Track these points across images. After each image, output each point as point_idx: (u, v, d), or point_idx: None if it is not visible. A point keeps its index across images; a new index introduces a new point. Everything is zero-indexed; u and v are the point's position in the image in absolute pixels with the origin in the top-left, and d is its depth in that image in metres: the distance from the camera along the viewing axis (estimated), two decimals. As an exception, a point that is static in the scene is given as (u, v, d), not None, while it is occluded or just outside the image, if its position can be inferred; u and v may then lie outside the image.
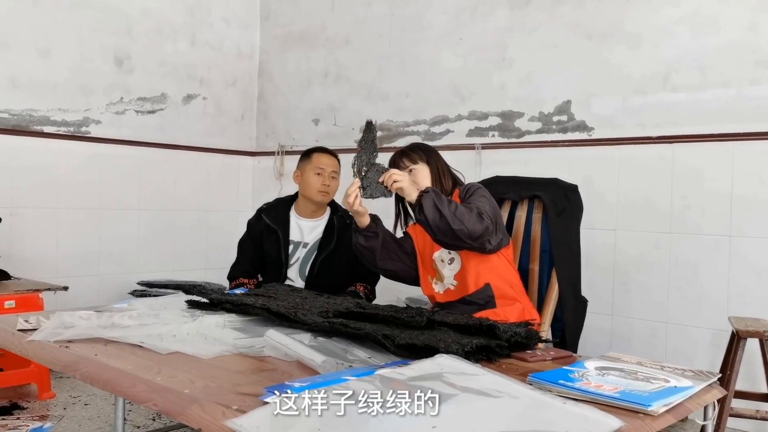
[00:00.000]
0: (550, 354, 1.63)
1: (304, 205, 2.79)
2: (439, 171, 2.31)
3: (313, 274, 2.71)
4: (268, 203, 2.93)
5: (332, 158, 2.80)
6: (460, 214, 2.01)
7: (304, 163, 2.79)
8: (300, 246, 2.76)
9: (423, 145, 2.42)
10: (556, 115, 3.41)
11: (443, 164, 2.35)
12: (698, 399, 1.33)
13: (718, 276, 2.90)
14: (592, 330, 3.01)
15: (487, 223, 2.04)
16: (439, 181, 2.29)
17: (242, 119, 4.88)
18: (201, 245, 4.64)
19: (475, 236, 2.04)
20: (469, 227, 2.02)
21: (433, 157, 2.33)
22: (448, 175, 2.33)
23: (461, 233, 2.02)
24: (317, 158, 2.77)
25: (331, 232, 2.76)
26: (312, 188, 2.73)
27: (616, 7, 3.21)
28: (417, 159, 2.31)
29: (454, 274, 2.22)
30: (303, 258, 2.75)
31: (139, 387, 1.33)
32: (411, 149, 2.37)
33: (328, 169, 2.75)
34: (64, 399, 3.09)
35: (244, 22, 4.86)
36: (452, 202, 2.04)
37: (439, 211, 2.01)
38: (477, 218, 2.03)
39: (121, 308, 2.11)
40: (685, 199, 2.99)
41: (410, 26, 4.04)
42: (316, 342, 1.66)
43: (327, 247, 2.72)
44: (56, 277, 3.71)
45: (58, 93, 3.91)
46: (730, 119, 2.88)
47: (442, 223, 2.01)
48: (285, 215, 2.80)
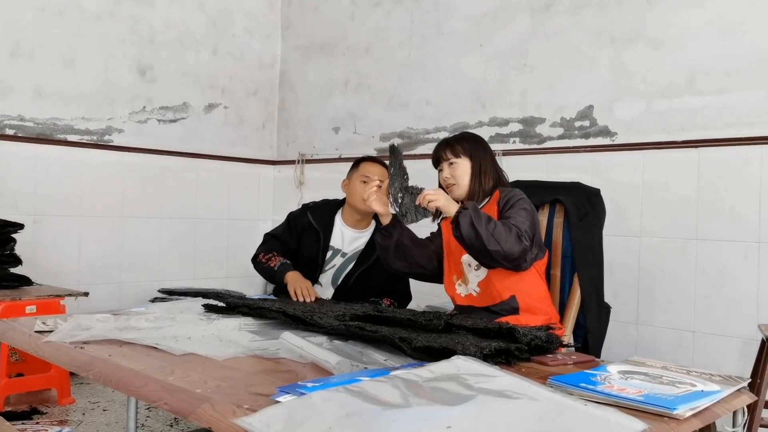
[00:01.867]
0: (571, 358, 1.58)
1: (350, 213, 2.75)
2: (481, 168, 2.24)
3: (347, 285, 2.67)
4: (314, 202, 2.87)
5: (380, 167, 2.74)
6: (497, 234, 1.96)
7: (353, 171, 2.76)
8: (339, 254, 2.72)
9: (471, 137, 2.33)
10: (578, 120, 3.36)
11: (488, 160, 2.27)
12: (726, 404, 1.28)
13: (747, 283, 2.82)
14: (616, 338, 2.95)
15: (525, 245, 1.99)
16: (478, 178, 2.22)
17: (263, 128, 4.90)
18: (222, 254, 4.65)
19: (511, 258, 2.00)
20: (505, 249, 1.97)
21: (478, 152, 2.25)
22: (490, 174, 2.25)
23: (497, 254, 1.99)
24: (364, 167, 2.73)
25: (372, 246, 2.68)
26: (357, 196, 2.65)
27: (639, 10, 3.16)
28: (460, 152, 2.24)
29: (479, 281, 2.18)
30: (339, 267, 2.71)
31: (151, 386, 1.31)
32: (456, 140, 2.29)
33: (374, 177, 2.66)
34: (83, 404, 3.09)
35: (266, 32, 4.90)
36: (491, 221, 1.99)
37: (475, 229, 1.96)
38: (515, 239, 1.98)
39: (138, 311, 2.11)
40: (711, 205, 2.92)
41: (430, 33, 4.03)
42: (331, 345, 1.64)
43: (366, 261, 2.68)
44: (78, 285, 3.74)
45: (81, 102, 3.96)
46: (758, 122, 2.81)
47: (478, 242, 1.98)
48: (330, 218, 2.75)
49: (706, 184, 2.94)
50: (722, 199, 2.89)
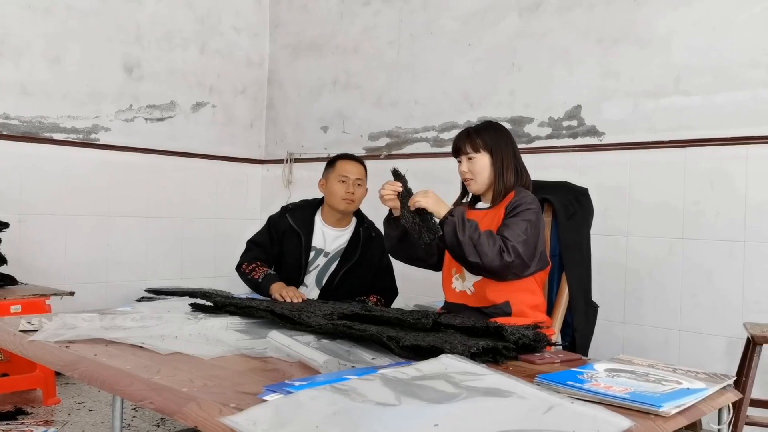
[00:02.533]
0: (558, 357, 1.59)
1: (329, 212, 2.72)
2: (503, 165, 2.15)
3: (332, 284, 2.66)
4: (293, 203, 2.84)
5: (357, 165, 2.72)
6: (479, 246, 1.94)
7: (329, 170, 2.72)
8: (321, 254, 2.70)
9: (494, 127, 2.23)
10: (566, 120, 3.37)
11: (510, 156, 2.18)
12: (712, 401, 1.29)
13: (733, 282, 2.84)
14: (604, 337, 2.96)
15: (507, 261, 1.96)
16: (500, 175, 2.15)
17: (251, 127, 4.88)
18: (209, 253, 4.63)
19: (492, 271, 1.99)
20: (485, 262, 1.95)
21: (500, 147, 2.17)
22: (511, 171, 2.16)
23: (476, 266, 1.99)
24: (341, 165, 2.69)
25: (355, 243, 2.69)
26: (336, 196, 2.65)
27: (627, 11, 3.18)
28: (480, 147, 2.16)
29: (476, 280, 2.15)
30: (322, 267, 2.69)
31: (137, 385, 1.30)
32: (478, 132, 2.19)
33: (352, 176, 2.67)
34: (68, 404, 3.07)
35: (254, 30, 4.88)
36: (476, 231, 1.96)
37: (458, 239, 1.95)
38: (497, 254, 1.95)
39: (124, 311, 2.09)
40: (698, 204, 2.94)
41: (419, 33, 4.03)
42: (319, 344, 1.64)
43: (350, 259, 2.66)
44: (64, 284, 3.70)
45: (68, 100, 3.93)
46: (744, 122, 2.83)
47: (459, 251, 1.97)
48: (310, 219, 2.72)
49: (693, 184, 2.95)
50: (708, 199, 2.91)
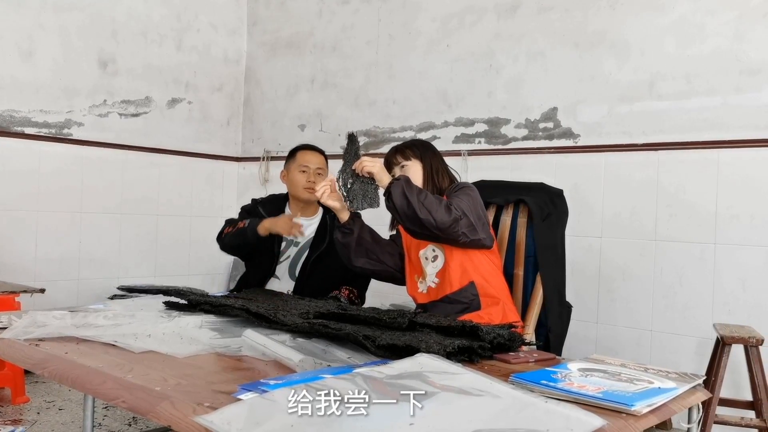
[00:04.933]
0: (533, 356, 1.60)
1: (294, 204, 2.77)
2: (433, 169, 2.28)
3: (305, 273, 2.67)
4: (261, 197, 2.89)
5: (317, 155, 2.77)
6: (428, 204, 2.00)
7: (290, 162, 2.77)
8: (291, 244, 2.72)
9: (419, 142, 2.39)
10: (542, 122, 3.40)
11: (439, 162, 2.31)
12: (682, 401, 1.31)
13: (703, 284, 2.89)
14: (577, 337, 2.99)
15: (456, 214, 2.03)
16: (431, 179, 2.26)
17: (228, 125, 4.85)
18: (184, 251, 4.58)
19: (443, 227, 2.03)
20: (436, 217, 2.00)
21: (428, 155, 2.30)
22: (443, 174, 2.29)
23: (428, 223, 2.02)
24: (302, 156, 2.75)
25: (323, 231, 2.73)
26: (297, 186, 2.70)
27: (603, 15, 3.22)
28: (410, 155, 2.29)
29: (437, 271, 2.19)
30: (294, 257, 2.71)
31: (109, 384, 1.29)
32: (406, 146, 2.33)
33: (312, 166, 2.72)
34: (38, 403, 3.02)
35: (232, 27, 4.84)
36: (422, 192, 2.03)
37: (407, 199, 2.00)
38: (445, 210, 2.02)
39: (96, 309, 2.06)
40: (670, 207, 2.98)
41: (398, 33, 4.04)
42: (295, 343, 1.63)
43: (319, 247, 2.69)
44: (35, 281, 3.65)
45: (40, 94, 3.86)
46: (715, 127, 2.88)
47: (409, 211, 2.01)
48: (280, 211, 2.77)
49: (665, 187, 3.00)
50: (680, 202, 2.96)
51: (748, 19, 2.83)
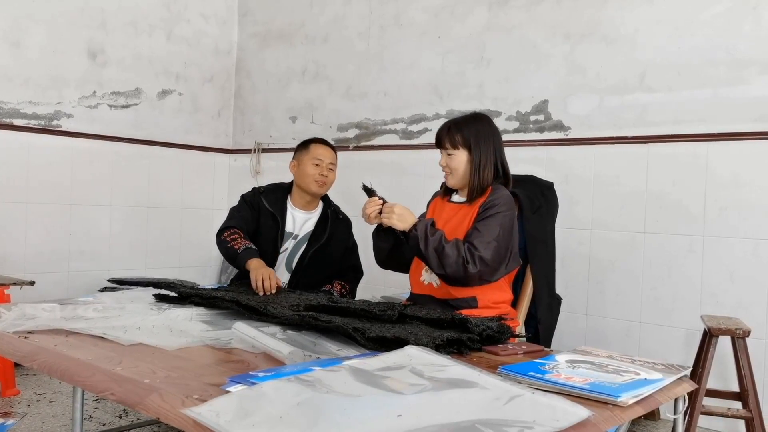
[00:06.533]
0: (521, 348, 1.61)
1: (299, 195, 2.75)
2: (480, 163, 2.15)
3: (302, 266, 2.67)
4: (264, 186, 2.84)
5: (330, 150, 2.76)
6: (444, 259, 2.02)
7: (302, 153, 2.74)
8: (290, 237, 2.72)
9: (477, 123, 2.20)
10: (533, 114, 3.41)
11: (490, 153, 2.17)
12: (668, 392, 1.32)
13: (692, 276, 2.91)
14: (567, 329, 3.02)
15: (471, 272, 2.02)
16: (476, 173, 2.15)
17: (219, 116, 4.83)
18: (175, 243, 4.57)
19: (457, 281, 2.08)
20: (449, 272, 2.05)
21: (479, 144, 2.15)
22: (488, 170, 2.16)
23: (442, 276, 2.10)
24: (315, 149, 2.73)
25: (323, 225, 2.73)
26: (309, 178, 2.68)
27: (594, 7, 3.22)
28: (459, 143, 2.17)
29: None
30: (291, 250, 2.71)
31: (98, 377, 1.29)
32: (459, 127, 2.18)
33: (326, 160, 2.70)
34: (28, 396, 3.01)
35: (222, 18, 4.81)
36: (441, 243, 2.01)
37: (421, 252, 2.06)
38: (461, 267, 2.02)
39: (86, 301, 2.06)
40: (659, 200, 3.00)
41: (389, 25, 4.02)
42: (284, 335, 1.63)
43: (318, 240, 2.69)
44: (24, 273, 3.63)
45: (29, 86, 3.83)
46: (705, 120, 2.89)
47: (425, 261, 2.10)
48: (283, 203, 2.74)
49: (655, 179, 3.02)
50: (670, 194, 2.98)
51: (739, 12, 2.83)
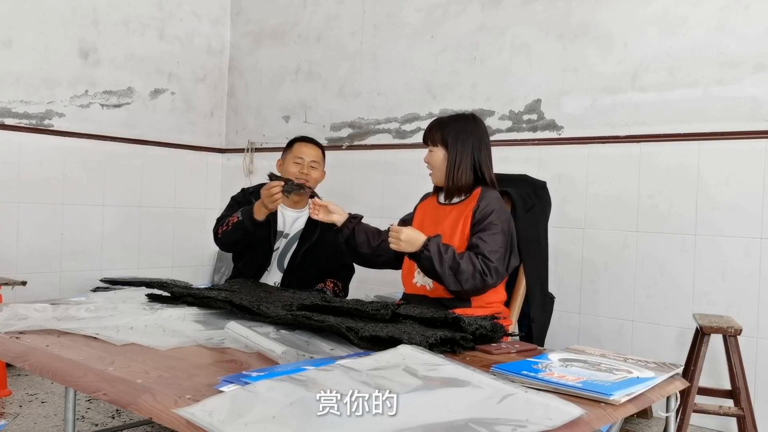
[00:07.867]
0: (514, 347, 1.62)
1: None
2: (455, 163, 2.14)
3: (294, 264, 2.68)
4: (253, 187, 2.85)
5: (314, 148, 2.76)
6: (460, 275, 1.99)
7: (287, 152, 2.76)
8: (281, 236, 2.72)
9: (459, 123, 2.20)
10: (526, 113, 3.41)
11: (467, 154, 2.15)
12: (660, 390, 1.33)
13: (684, 274, 2.92)
14: (560, 327, 3.03)
15: (489, 283, 2.01)
16: (451, 173, 2.15)
17: (212, 115, 4.81)
18: (167, 243, 4.55)
19: (471, 295, 2.06)
20: (466, 288, 2.01)
21: (457, 144, 2.15)
22: (464, 171, 2.15)
23: (457, 293, 2.05)
24: (298, 147, 2.74)
25: (314, 223, 2.71)
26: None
27: (587, 7, 3.23)
28: (438, 141, 2.18)
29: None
30: (282, 249, 2.71)
31: (90, 377, 1.28)
32: (441, 125, 2.20)
33: (307, 159, 2.70)
34: (20, 396, 3.00)
35: (215, 17, 4.80)
36: (455, 260, 1.98)
37: (436, 272, 2.00)
38: (480, 279, 2.00)
39: (78, 301, 2.05)
40: (652, 198, 3.01)
41: (382, 24, 4.02)
42: (278, 335, 1.63)
43: (309, 239, 2.69)
44: (16, 273, 3.61)
45: (20, 85, 3.81)
46: (697, 119, 2.91)
47: (439, 281, 2.04)
48: None
49: (647, 179, 3.03)
50: (662, 193, 2.99)
51: (731, 11, 2.85)
